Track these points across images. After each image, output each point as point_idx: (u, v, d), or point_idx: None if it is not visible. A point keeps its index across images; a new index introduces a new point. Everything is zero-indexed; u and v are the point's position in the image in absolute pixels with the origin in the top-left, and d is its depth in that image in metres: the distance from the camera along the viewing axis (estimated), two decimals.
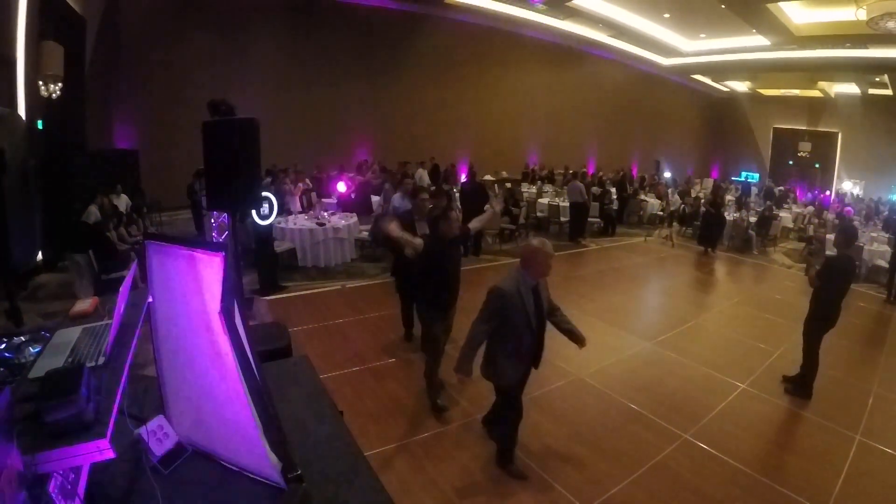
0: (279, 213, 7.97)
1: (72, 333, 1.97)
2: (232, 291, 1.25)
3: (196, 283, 1.33)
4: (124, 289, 1.88)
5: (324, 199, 10.12)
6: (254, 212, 6.83)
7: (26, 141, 3.91)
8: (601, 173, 16.01)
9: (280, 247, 7.85)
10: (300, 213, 9.10)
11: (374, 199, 10.56)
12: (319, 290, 7.42)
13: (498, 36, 16.80)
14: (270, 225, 7.41)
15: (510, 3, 14.95)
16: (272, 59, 13.49)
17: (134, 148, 12.06)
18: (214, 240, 7.26)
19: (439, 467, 3.76)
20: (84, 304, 2.34)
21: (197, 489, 1.39)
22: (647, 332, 6.64)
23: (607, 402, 4.85)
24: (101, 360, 1.59)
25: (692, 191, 15.44)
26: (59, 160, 8.74)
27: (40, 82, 8.49)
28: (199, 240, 2.54)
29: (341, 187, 11.12)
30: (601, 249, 11.64)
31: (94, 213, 8.76)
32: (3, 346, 1.95)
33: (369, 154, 14.91)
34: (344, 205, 10.24)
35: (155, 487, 1.31)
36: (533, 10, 15.40)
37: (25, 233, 3.36)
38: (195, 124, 5.52)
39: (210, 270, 1.26)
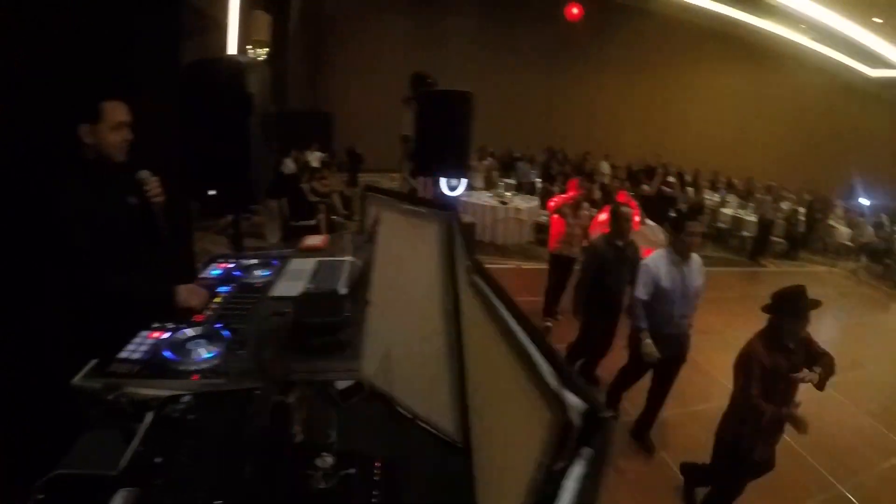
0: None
1: (307, 263, 2.18)
2: (474, 248, 1.28)
3: (415, 236, 1.36)
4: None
5: (505, 180, 10.28)
6: (443, 182, 7.11)
7: (270, 90, 4.39)
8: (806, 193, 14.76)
9: (462, 220, 8.14)
10: (483, 189, 9.34)
11: None
12: (495, 265, 7.63)
13: (690, 32, 15.95)
14: (456, 197, 7.67)
15: None
16: (464, 41, 13.92)
17: (328, 111, 13.06)
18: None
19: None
20: (315, 240, 2.58)
21: (370, 424, 1.47)
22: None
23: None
24: (344, 290, 1.73)
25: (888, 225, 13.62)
26: (262, 118, 9.69)
27: (248, 47, 9.44)
28: (424, 198, 2.73)
29: None
30: (781, 273, 10.76)
31: (289, 165, 9.65)
32: (233, 265, 2.23)
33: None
34: None
35: (332, 417, 1.38)
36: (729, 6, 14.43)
37: (260, 171, 3.78)
38: (389, 94, 5.83)
39: (436, 227, 1.27)
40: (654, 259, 3.76)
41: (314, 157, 10.62)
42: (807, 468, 4.20)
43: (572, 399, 0.59)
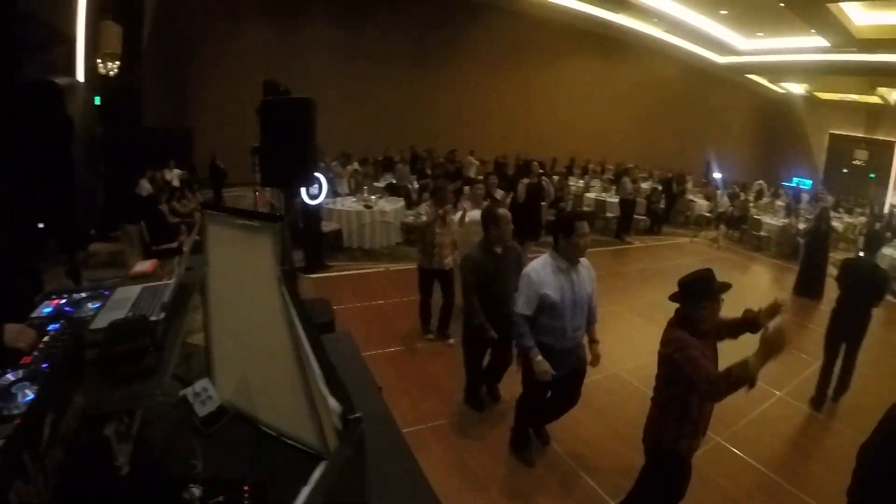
0: (327, 195, 8.09)
1: (132, 291, 2.08)
2: (290, 257, 1.29)
3: (250, 251, 1.37)
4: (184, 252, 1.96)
5: (374, 184, 10.21)
6: (303, 191, 6.96)
7: (92, 112, 4.09)
8: (649, 170, 15.80)
9: (327, 227, 7.98)
10: (348, 195, 9.21)
11: None
12: (363, 270, 7.52)
13: (550, 28, 16.64)
14: (319, 205, 7.53)
15: None
16: (325, 47, 13.66)
17: (188, 125, 12.40)
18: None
19: (471, 450, 3.83)
20: (144, 265, 2.46)
21: (235, 450, 1.44)
22: None
23: (644, 398, 4.76)
24: (161, 315, 1.68)
25: (742, 195, 14.97)
26: (115, 136, 9.08)
27: (99, 60, 8.79)
28: (255, 211, 2.64)
29: None
30: (646, 248, 11.46)
31: (145, 186, 9.05)
32: (65, 300, 2.05)
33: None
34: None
35: (196, 446, 1.36)
36: (587, 3, 15.21)
37: (89, 199, 3.53)
38: (249, 104, 5.63)
39: (268, 239, 1.29)
40: (537, 268, 3.30)
41: (174, 176, 10.05)
42: None
43: (333, 403, 0.67)
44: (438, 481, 3.31)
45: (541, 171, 8.05)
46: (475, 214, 5.39)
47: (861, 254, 5.43)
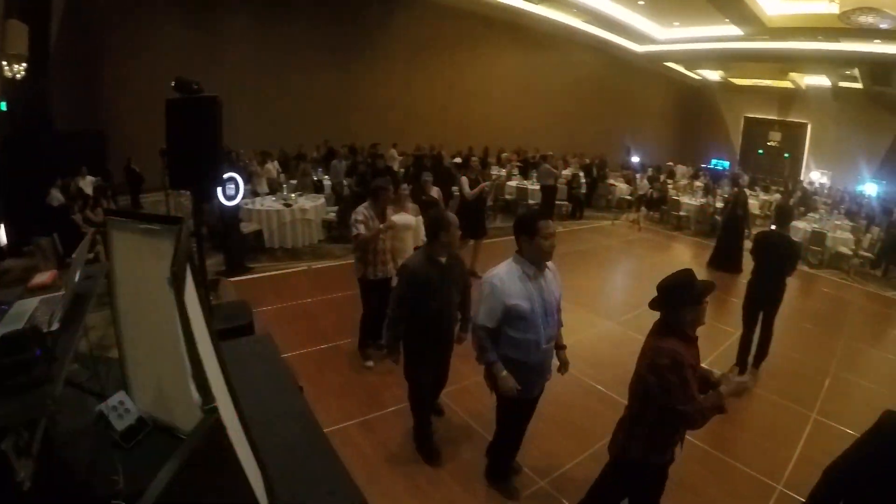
0: (246, 195, 7.92)
1: (30, 304, 2.01)
2: (184, 258, 1.28)
3: (154, 256, 1.37)
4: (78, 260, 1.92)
5: (291, 181, 10.06)
6: (220, 192, 6.79)
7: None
8: (564, 157, 16.19)
9: (247, 228, 7.82)
10: (267, 194, 9.05)
11: None
12: (286, 270, 7.43)
13: (471, 20, 16.73)
14: (237, 206, 7.37)
15: None
16: (242, 43, 13.25)
17: (102, 128, 11.84)
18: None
19: (398, 441, 3.85)
20: (42, 277, 2.38)
21: (157, 462, 1.43)
22: (610, 312, 6.81)
23: (567, 379, 4.86)
24: (56, 325, 1.64)
25: (661, 177, 15.66)
26: (23, 142, 8.59)
27: (4, 62, 8.28)
28: (157, 214, 2.55)
29: None
30: (569, 232, 11.72)
31: (56, 196, 8.62)
32: None
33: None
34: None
35: (116, 461, 1.34)
36: None
37: None
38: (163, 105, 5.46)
39: (167, 243, 1.29)
40: (500, 275, 2.93)
41: (86, 183, 9.60)
42: (610, 402, 4.53)
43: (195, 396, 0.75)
44: (368, 475, 3.39)
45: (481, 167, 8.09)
46: (403, 219, 5.24)
47: (773, 227, 5.68)
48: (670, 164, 18.84)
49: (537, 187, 12.29)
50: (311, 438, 2.54)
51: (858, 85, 18.80)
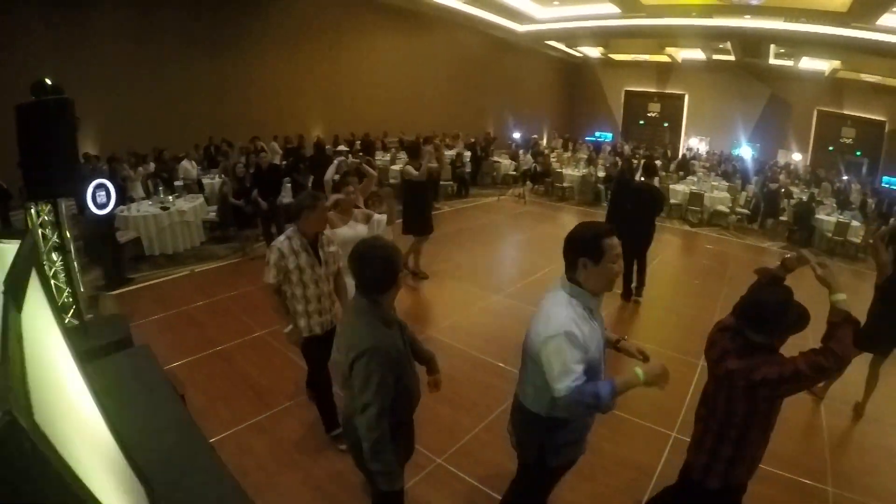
0: (121, 202, 7.48)
1: None
2: (23, 273, 1.23)
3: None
4: None
5: (175, 182, 9.60)
6: (89, 201, 6.39)
7: None
8: (443, 137, 16.51)
9: (123, 236, 7.39)
10: (144, 199, 8.58)
11: None
12: (168, 277, 7.13)
13: (350, 4, 16.39)
14: (110, 214, 6.95)
15: None
16: (116, 33, 12.18)
17: None
18: None
19: (293, 437, 3.85)
20: None
21: None
22: (497, 286, 7.11)
23: (458, 355, 5.07)
24: None
25: (546, 152, 16.44)
26: None
27: None
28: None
29: None
30: (455, 211, 11.95)
31: None
32: None
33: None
34: None
35: None
36: None
37: None
38: None
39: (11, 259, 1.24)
40: (573, 320, 2.08)
41: None
42: (500, 373, 4.69)
43: None
44: (265, 477, 3.39)
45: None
46: (353, 231, 4.10)
47: (642, 179, 6.95)
48: (535, 136, 20.36)
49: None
50: (194, 449, 2.56)
51: (731, 57, 20.19)
